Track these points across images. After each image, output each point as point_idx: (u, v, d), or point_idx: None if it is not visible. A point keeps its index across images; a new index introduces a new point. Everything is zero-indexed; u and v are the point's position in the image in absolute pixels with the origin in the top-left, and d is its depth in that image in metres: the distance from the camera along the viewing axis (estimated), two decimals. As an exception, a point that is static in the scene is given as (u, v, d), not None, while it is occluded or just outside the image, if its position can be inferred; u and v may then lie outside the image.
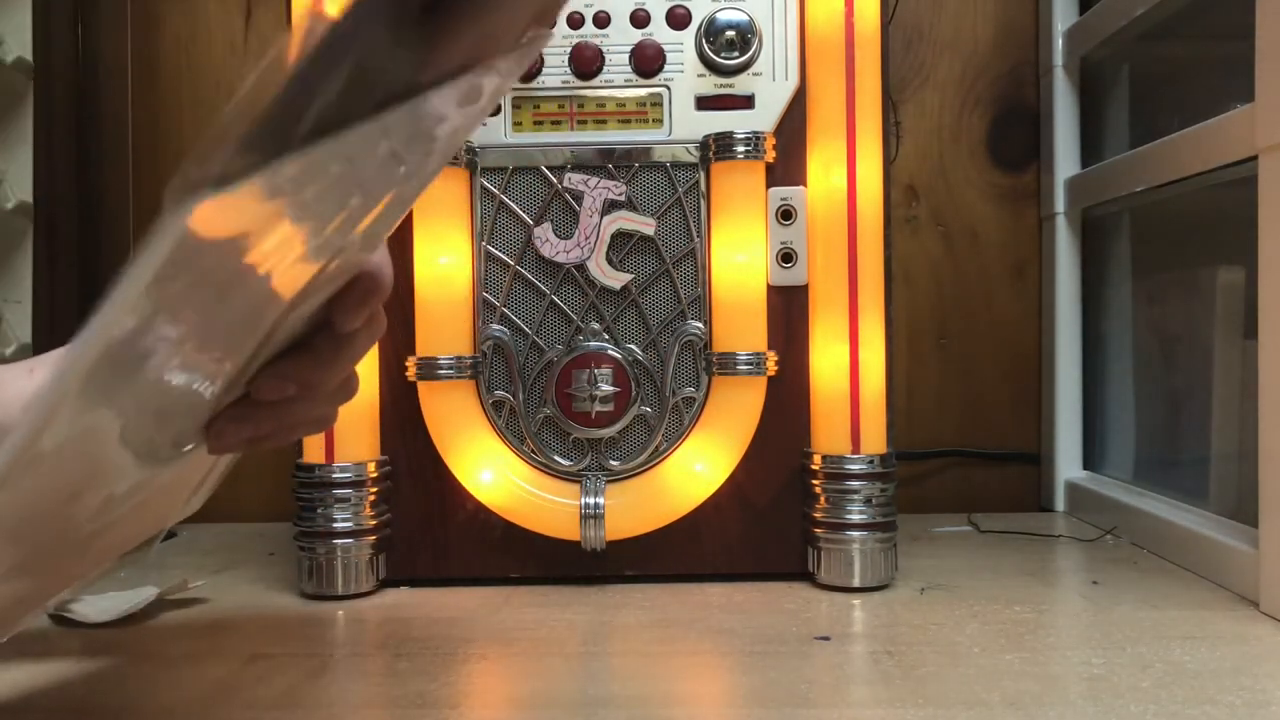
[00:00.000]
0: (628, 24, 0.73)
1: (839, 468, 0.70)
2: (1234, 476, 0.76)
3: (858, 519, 0.70)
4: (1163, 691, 0.50)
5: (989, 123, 1.05)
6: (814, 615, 0.65)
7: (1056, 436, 1.00)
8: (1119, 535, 0.85)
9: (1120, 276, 0.97)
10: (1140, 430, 0.94)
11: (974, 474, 1.05)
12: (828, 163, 0.71)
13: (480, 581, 0.74)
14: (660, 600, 0.69)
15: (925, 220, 1.05)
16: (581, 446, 0.73)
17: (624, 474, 0.73)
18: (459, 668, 0.56)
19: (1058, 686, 0.51)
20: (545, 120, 0.73)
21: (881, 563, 0.71)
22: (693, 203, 0.73)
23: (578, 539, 0.71)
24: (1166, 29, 0.87)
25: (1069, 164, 1.00)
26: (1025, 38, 1.05)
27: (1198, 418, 0.82)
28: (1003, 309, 1.05)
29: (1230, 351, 0.77)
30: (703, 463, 0.72)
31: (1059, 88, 1.00)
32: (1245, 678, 0.52)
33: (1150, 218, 0.93)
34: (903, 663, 0.55)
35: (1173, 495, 0.83)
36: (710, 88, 0.73)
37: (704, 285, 0.73)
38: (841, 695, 0.51)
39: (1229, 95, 0.70)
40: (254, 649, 0.60)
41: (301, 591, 0.72)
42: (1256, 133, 0.63)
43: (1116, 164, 0.89)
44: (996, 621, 0.63)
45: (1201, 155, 0.73)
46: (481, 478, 0.72)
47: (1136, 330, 0.95)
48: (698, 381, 0.73)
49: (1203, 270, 0.82)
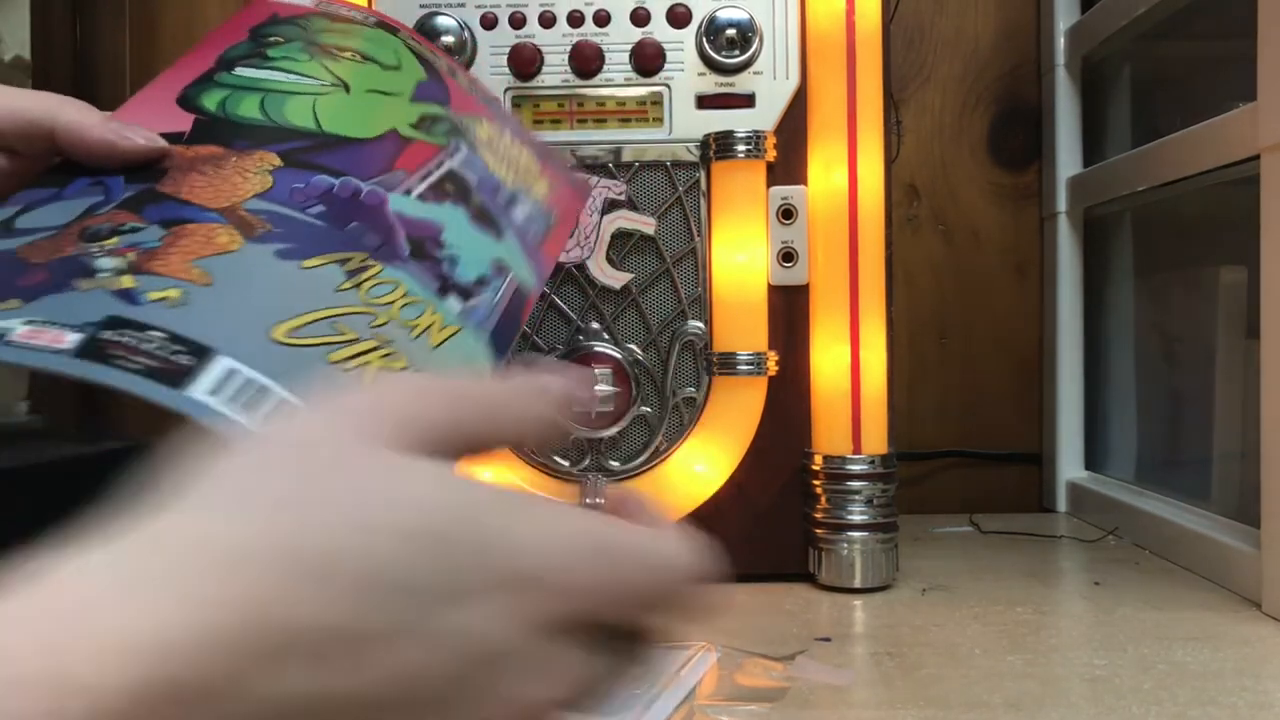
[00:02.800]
0: (628, 22, 0.73)
1: (840, 468, 0.70)
2: (1236, 477, 0.76)
3: (859, 519, 0.70)
4: (1164, 692, 0.50)
5: (990, 122, 1.05)
6: (815, 616, 0.65)
7: (1058, 437, 1.00)
8: (1121, 536, 0.85)
9: (1122, 276, 0.97)
10: (1142, 430, 0.94)
11: (975, 474, 1.04)
12: (829, 162, 0.71)
13: (480, 582, 0.73)
14: (660, 601, 0.69)
15: (926, 220, 1.05)
16: (581, 447, 0.73)
17: (624, 474, 0.72)
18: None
19: (1060, 688, 0.51)
20: (545, 119, 0.73)
21: (883, 563, 0.70)
22: (693, 202, 0.72)
23: (578, 539, 0.71)
24: (1168, 28, 0.87)
25: (1071, 163, 1.00)
26: (1027, 37, 1.04)
27: (1200, 418, 0.81)
28: (1004, 308, 1.05)
29: (1232, 351, 0.77)
30: (703, 463, 0.72)
31: (1060, 87, 1.00)
32: (1247, 678, 0.52)
33: (1152, 217, 0.92)
34: (904, 664, 0.55)
35: (1175, 496, 0.82)
36: (711, 86, 0.72)
37: (704, 285, 0.72)
38: (842, 696, 0.50)
39: (1231, 94, 0.70)
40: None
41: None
42: (1258, 132, 0.63)
43: (1118, 163, 0.89)
44: (998, 622, 0.62)
45: (1203, 154, 0.73)
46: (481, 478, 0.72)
47: (1138, 330, 0.95)
48: (698, 381, 0.72)
49: (1205, 269, 0.82)
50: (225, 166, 0.39)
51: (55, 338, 0.32)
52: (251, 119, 0.41)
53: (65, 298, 0.33)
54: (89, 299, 0.33)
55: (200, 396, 0.33)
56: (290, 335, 0.37)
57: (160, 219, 0.37)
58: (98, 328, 0.32)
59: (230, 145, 0.40)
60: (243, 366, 0.34)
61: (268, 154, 0.40)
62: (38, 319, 0.32)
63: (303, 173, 0.40)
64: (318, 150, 0.41)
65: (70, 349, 0.32)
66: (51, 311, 0.32)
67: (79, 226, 0.36)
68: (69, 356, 0.31)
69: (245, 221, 0.38)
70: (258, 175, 0.39)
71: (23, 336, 0.31)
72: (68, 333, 0.32)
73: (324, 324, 0.38)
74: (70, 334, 0.32)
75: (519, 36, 0.73)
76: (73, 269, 0.34)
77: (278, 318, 0.37)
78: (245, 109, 0.41)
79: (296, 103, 0.42)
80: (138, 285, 0.34)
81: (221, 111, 0.41)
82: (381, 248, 0.41)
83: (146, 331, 0.33)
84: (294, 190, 0.39)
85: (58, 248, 0.35)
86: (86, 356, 0.31)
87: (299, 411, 0.27)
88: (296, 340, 0.37)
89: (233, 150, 0.39)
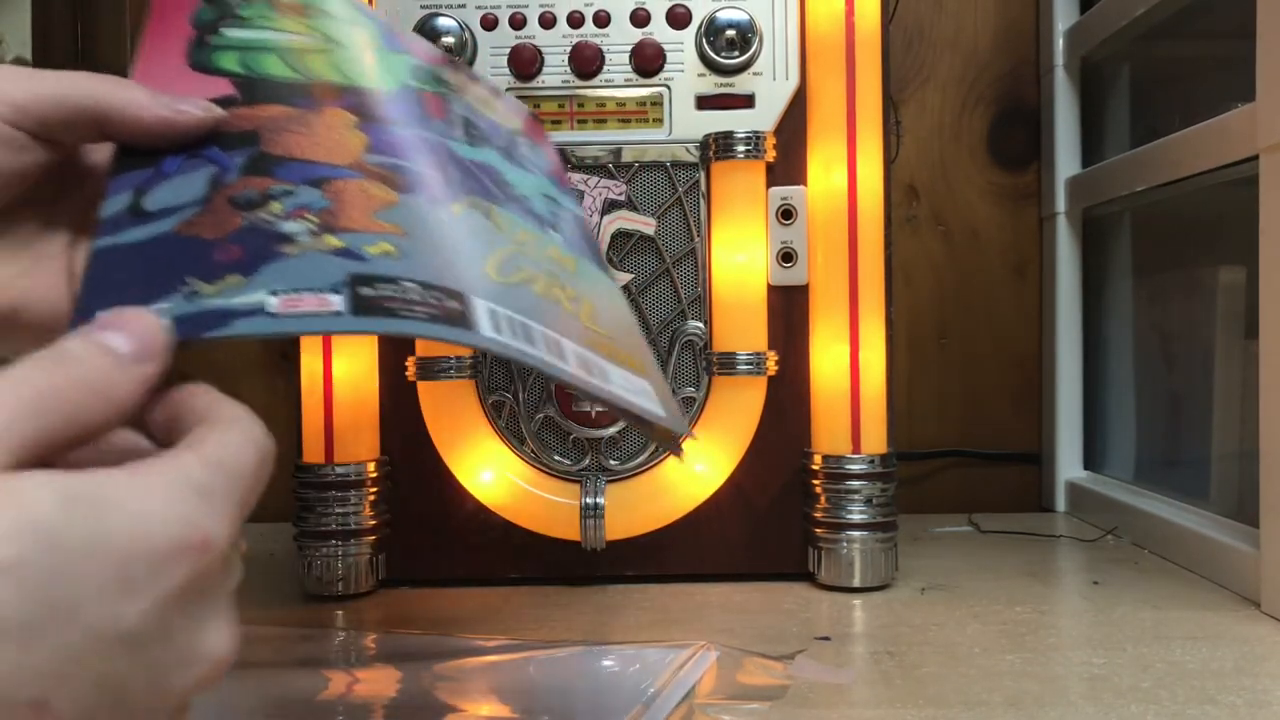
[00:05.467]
0: (628, 23, 0.73)
1: (839, 468, 0.70)
2: (1235, 476, 0.76)
3: (858, 519, 0.70)
4: (1164, 691, 0.50)
5: (990, 122, 1.05)
6: (814, 615, 0.65)
7: (1057, 436, 1.00)
8: (1120, 535, 0.85)
9: (1121, 276, 0.97)
10: (1141, 430, 0.94)
11: (974, 474, 1.04)
12: (828, 162, 0.71)
13: (480, 582, 0.73)
14: (660, 601, 0.69)
15: (926, 220, 1.05)
16: (581, 446, 0.73)
17: (624, 474, 0.73)
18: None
19: (1058, 687, 0.51)
20: (545, 120, 0.73)
21: (882, 563, 0.70)
22: (693, 202, 0.72)
23: (578, 539, 0.71)
24: (1167, 28, 0.87)
25: (1070, 163, 1.00)
26: (1026, 37, 1.05)
27: (1199, 418, 0.82)
28: (1003, 309, 1.05)
29: (1231, 351, 0.77)
30: (703, 463, 0.72)
31: (1060, 87, 1.00)
32: (1246, 678, 0.52)
33: (1151, 217, 0.93)
34: (903, 663, 0.55)
35: (1174, 495, 0.83)
36: (710, 87, 0.73)
37: (704, 285, 0.72)
38: (842, 695, 0.51)
39: (1230, 94, 0.70)
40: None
41: (302, 591, 0.72)
42: (1257, 132, 0.63)
43: (1117, 164, 0.89)
44: (997, 622, 0.62)
45: (1202, 155, 0.73)
46: (481, 478, 0.72)
47: (1137, 330, 0.95)
48: (698, 381, 0.73)
49: (1204, 270, 0.82)
50: (314, 125, 0.38)
51: (320, 302, 0.31)
52: (284, 76, 0.39)
53: (287, 265, 0.32)
54: (313, 262, 0.32)
55: (494, 335, 0.33)
56: (500, 274, 0.36)
57: (303, 179, 0.35)
58: (349, 286, 0.31)
59: (292, 104, 0.38)
60: (496, 305, 0.34)
61: (337, 110, 0.39)
62: (281, 288, 0.31)
63: (376, 125, 0.39)
64: (369, 104, 0.40)
65: (343, 309, 0.31)
66: (288, 279, 0.31)
67: (222, 198, 0.34)
68: (349, 316, 0.31)
69: (378, 175, 0.37)
70: (349, 131, 0.38)
71: (284, 306, 0.30)
72: (327, 295, 0.31)
73: (509, 263, 0.37)
74: (331, 296, 0.31)
75: (519, 37, 0.73)
76: (265, 238, 0.33)
77: (481, 259, 0.36)
78: (270, 67, 0.39)
79: (311, 58, 0.40)
80: (348, 244, 0.33)
81: (248, 70, 0.39)
82: (480, 191, 0.40)
83: (399, 283, 0.32)
84: (388, 143, 0.38)
85: (222, 221, 0.33)
86: (364, 313, 0.31)
87: None
88: (506, 278, 0.36)
89: (297, 108, 0.38)
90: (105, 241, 0.33)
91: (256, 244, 0.32)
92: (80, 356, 0.26)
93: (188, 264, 0.31)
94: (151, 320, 0.28)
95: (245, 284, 0.31)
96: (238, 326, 0.30)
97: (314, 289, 0.31)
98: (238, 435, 0.27)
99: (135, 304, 0.29)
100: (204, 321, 0.30)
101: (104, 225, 0.33)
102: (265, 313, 0.30)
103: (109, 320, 0.28)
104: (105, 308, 0.29)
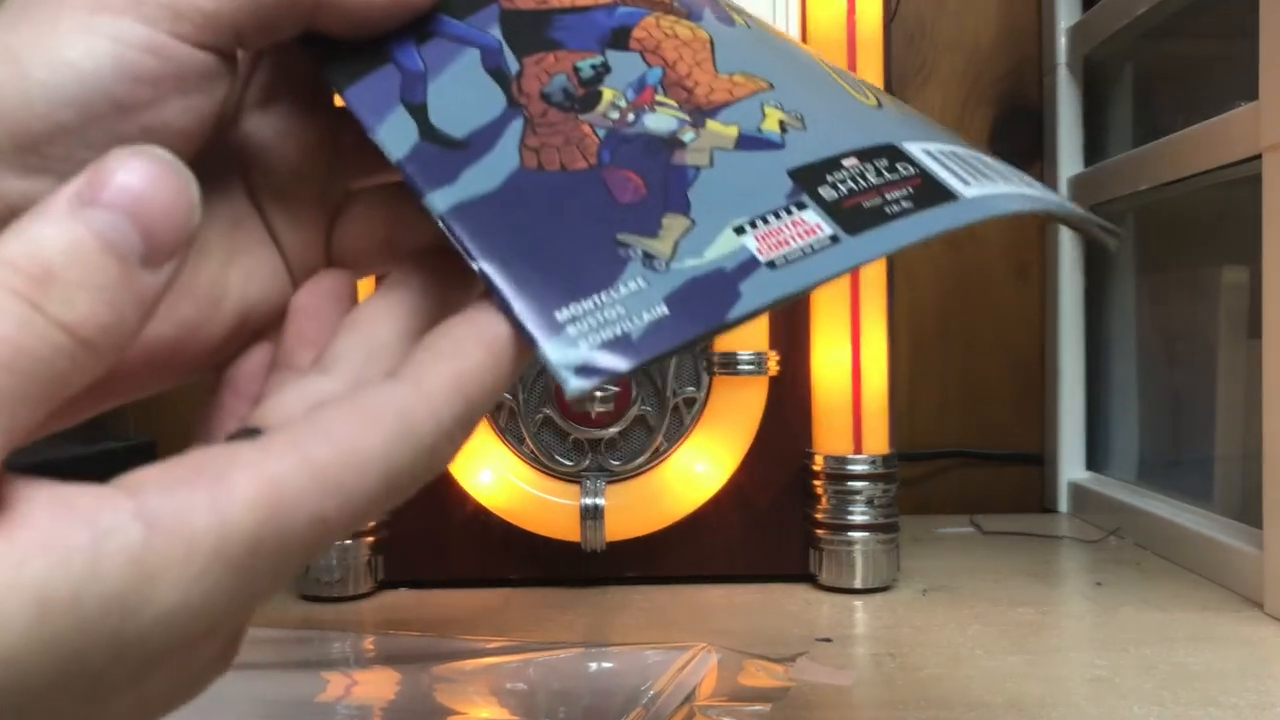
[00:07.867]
0: (628, 22, 0.73)
1: (841, 468, 0.70)
2: (1238, 477, 0.75)
3: (860, 520, 0.70)
4: (1166, 693, 0.50)
5: (992, 121, 1.05)
6: (815, 617, 0.65)
7: (1060, 437, 1.00)
8: (1122, 536, 0.85)
9: (1124, 276, 0.97)
10: (1144, 431, 0.94)
11: (976, 475, 1.04)
12: (829, 161, 0.71)
13: (479, 583, 0.73)
14: (660, 602, 0.69)
15: (927, 220, 1.05)
16: (581, 447, 0.73)
17: (624, 475, 0.72)
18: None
19: (1061, 688, 0.51)
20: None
21: (884, 564, 0.70)
22: (693, 202, 0.72)
23: (578, 540, 0.71)
24: (1170, 27, 0.87)
25: (1072, 162, 1.00)
26: (1028, 36, 1.04)
27: (1202, 418, 0.81)
28: (1005, 309, 1.05)
29: (1235, 351, 0.77)
30: (703, 463, 0.72)
31: (1062, 86, 1.00)
32: (1250, 679, 0.52)
33: (1154, 216, 0.92)
34: (905, 664, 0.55)
35: (1177, 496, 0.82)
36: (711, 86, 0.72)
37: (705, 285, 0.72)
38: (844, 697, 0.50)
39: (1233, 93, 0.70)
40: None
41: (299, 593, 0.71)
42: (1261, 131, 0.63)
43: (1120, 163, 0.89)
44: (999, 623, 0.62)
45: (1205, 154, 0.72)
46: (481, 478, 0.72)
47: (1140, 330, 0.95)
48: (698, 381, 0.72)
49: (1207, 269, 0.82)
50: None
51: (805, 230, 0.23)
52: None
53: (711, 183, 0.24)
54: (737, 169, 0.24)
55: (1014, 188, 0.25)
56: (862, 94, 0.29)
57: (597, 40, 0.26)
58: (808, 193, 0.24)
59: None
60: (925, 144, 0.26)
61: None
62: (743, 222, 0.23)
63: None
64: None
65: (835, 231, 0.23)
66: (735, 206, 0.23)
67: (531, 98, 0.25)
68: (849, 238, 0.23)
69: (660, 3, 0.28)
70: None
71: (768, 251, 0.23)
72: (800, 216, 0.23)
73: (869, 93, 0.30)
74: (805, 215, 0.23)
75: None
76: (646, 149, 0.24)
77: (838, 84, 0.29)
78: None
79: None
80: (742, 127, 0.25)
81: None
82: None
83: (841, 166, 0.24)
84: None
85: (571, 137, 0.24)
86: (859, 229, 0.23)
87: None
88: (866, 99, 0.29)
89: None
90: (443, 198, 0.23)
91: (646, 163, 0.24)
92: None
93: (597, 214, 0.23)
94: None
95: (694, 228, 0.23)
96: (752, 299, 0.22)
97: (776, 210, 0.23)
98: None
99: (590, 296, 0.21)
100: (706, 297, 0.22)
101: (412, 168, 0.23)
102: (759, 262, 0.22)
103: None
104: (545, 313, 0.21)
